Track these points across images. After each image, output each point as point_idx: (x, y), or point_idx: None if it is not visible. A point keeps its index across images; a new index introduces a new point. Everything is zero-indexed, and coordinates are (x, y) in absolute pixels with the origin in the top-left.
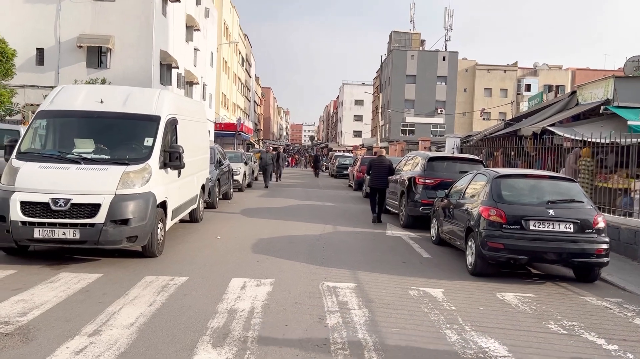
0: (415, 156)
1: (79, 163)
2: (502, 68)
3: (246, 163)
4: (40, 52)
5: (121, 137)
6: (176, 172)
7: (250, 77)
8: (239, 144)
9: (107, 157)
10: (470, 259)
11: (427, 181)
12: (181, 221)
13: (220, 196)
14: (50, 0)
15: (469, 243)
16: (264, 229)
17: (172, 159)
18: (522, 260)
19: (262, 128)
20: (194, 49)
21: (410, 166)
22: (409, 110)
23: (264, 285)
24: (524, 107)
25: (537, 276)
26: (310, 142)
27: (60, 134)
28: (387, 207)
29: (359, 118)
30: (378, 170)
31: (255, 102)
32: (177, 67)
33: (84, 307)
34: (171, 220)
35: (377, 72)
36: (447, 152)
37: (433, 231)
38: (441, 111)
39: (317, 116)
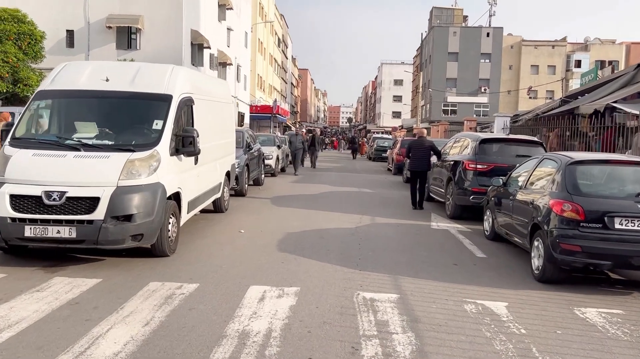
0: (464, 138)
1: (78, 150)
2: (550, 44)
3: (279, 147)
4: (70, 34)
5: (128, 119)
6: (192, 158)
7: (287, 59)
8: (275, 127)
9: (110, 143)
10: (536, 262)
11: (478, 166)
12: (204, 211)
13: (251, 182)
14: None
15: (535, 243)
16: (294, 221)
17: (186, 144)
18: (605, 266)
19: (299, 110)
20: (227, 29)
21: (458, 149)
22: (450, 89)
23: (287, 295)
24: (575, 84)
25: (620, 283)
26: (348, 124)
27: (59, 117)
28: (431, 195)
29: (398, 98)
30: (418, 152)
31: (292, 83)
32: (209, 47)
33: (65, 327)
34: (187, 213)
35: (417, 51)
36: (496, 133)
37: (486, 225)
38: (485, 90)
39: (354, 97)
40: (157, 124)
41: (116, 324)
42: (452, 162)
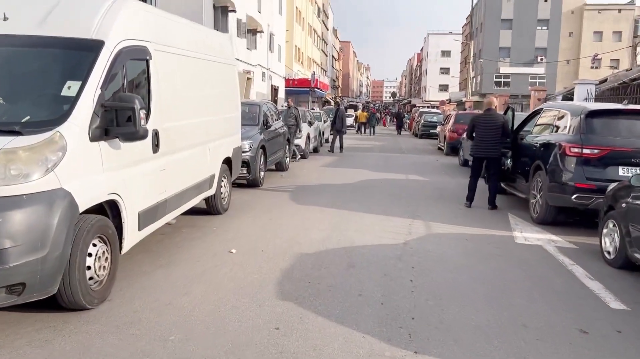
0: (556, 109)
1: None
2: (617, 8)
3: (311, 124)
4: None
5: (26, 81)
6: (147, 144)
7: (328, 30)
8: (313, 102)
9: None
10: None
11: (585, 151)
12: (197, 211)
13: (272, 167)
14: None
15: None
16: (313, 230)
17: (121, 122)
18: None
19: (340, 84)
20: None
21: (547, 125)
22: (503, 59)
23: None
24: None
25: None
26: (391, 99)
27: None
28: (504, 186)
29: (445, 71)
30: (488, 131)
31: (333, 56)
32: (235, 11)
33: None
34: (140, 229)
35: (466, 19)
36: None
37: (607, 242)
38: (542, 59)
39: (399, 71)
40: (69, 88)
41: None
42: (540, 144)
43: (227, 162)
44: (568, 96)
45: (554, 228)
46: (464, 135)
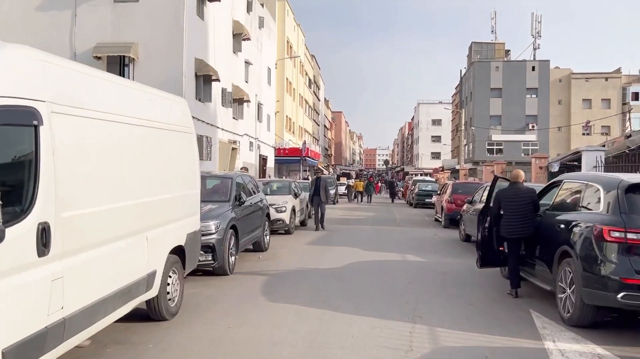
0: (583, 181)
1: None
2: (603, 76)
3: (297, 195)
4: None
5: None
6: (29, 243)
7: (319, 100)
8: (305, 170)
9: None
10: None
11: (630, 235)
12: (135, 316)
13: (251, 247)
14: (65, 6)
15: None
16: (283, 347)
17: None
18: None
19: (332, 153)
20: (245, 62)
21: (572, 201)
22: (495, 127)
23: None
24: (636, 117)
25: None
26: (384, 166)
27: None
28: (524, 275)
29: (436, 139)
30: (517, 206)
31: (325, 126)
32: (218, 80)
33: None
34: None
35: (456, 88)
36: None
37: None
38: (533, 127)
39: (390, 140)
40: None
41: None
42: (566, 225)
43: (178, 251)
44: (566, 163)
45: (594, 332)
46: (465, 207)
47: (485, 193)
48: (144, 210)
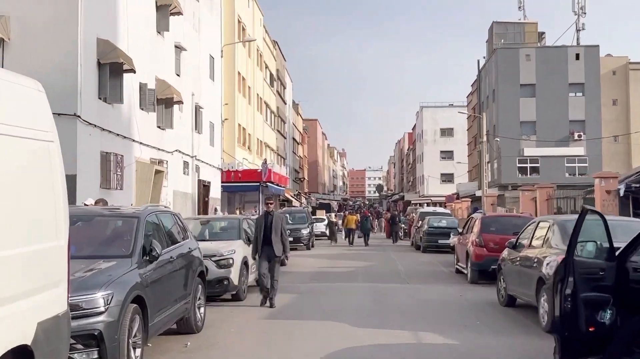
0: None
1: None
2: None
3: (250, 241)
4: None
5: None
6: None
7: (286, 104)
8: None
9: None
10: None
11: None
12: None
13: (174, 326)
14: None
15: None
16: None
17: None
18: None
19: (306, 176)
20: (176, 47)
21: None
22: (528, 137)
23: None
24: None
25: None
26: (377, 194)
27: None
28: None
29: (447, 155)
30: None
31: (294, 139)
32: (133, 71)
33: None
34: None
35: (472, 86)
36: None
37: None
38: (580, 136)
39: (385, 158)
40: None
41: None
42: None
43: (20, 354)
44: (632, 186)
45: None
46: (505, 253)
47: (539, 233)
48: None
